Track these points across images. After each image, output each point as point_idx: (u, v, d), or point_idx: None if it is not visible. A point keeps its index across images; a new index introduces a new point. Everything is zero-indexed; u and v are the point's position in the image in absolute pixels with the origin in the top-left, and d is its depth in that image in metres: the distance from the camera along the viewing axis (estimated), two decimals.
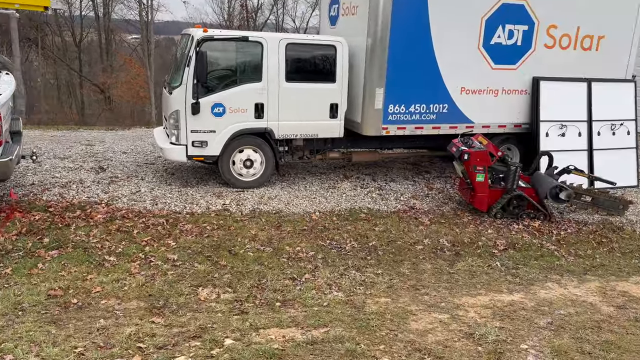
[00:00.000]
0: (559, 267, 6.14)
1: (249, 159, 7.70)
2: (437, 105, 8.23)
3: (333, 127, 7.93)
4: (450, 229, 6.92)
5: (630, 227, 7.32)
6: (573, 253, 6.52)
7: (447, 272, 5.80)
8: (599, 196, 7.60)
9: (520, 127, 8.83)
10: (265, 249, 6.06)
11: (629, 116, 9.01)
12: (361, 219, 7.07)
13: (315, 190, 7.96)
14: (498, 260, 6.20)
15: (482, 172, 7.19)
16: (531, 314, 4.79)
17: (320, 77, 7.75)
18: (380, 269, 5.77)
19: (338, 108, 7.85)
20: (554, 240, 6.84)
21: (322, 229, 6.66)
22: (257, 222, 6.71)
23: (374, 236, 6.57)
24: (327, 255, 6.02)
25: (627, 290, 5.53)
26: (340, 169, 9.20)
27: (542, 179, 7.48)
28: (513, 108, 8.68)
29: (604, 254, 6.55)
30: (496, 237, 6.79)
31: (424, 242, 6.52)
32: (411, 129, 8.19)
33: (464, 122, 8.45)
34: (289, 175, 8.64)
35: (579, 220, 7.51)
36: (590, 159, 8.79)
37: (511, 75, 8.50)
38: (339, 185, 8.26)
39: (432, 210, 7.52)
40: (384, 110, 7.93)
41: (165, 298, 4.89)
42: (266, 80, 7.44)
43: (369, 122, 7.97)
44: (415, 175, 9.02)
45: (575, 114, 8.75)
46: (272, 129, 7.63)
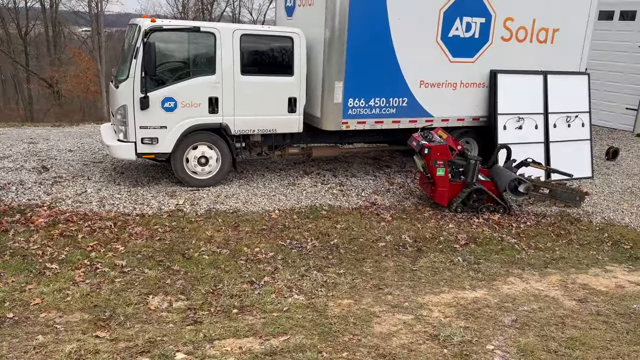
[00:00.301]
0: (519, 260, 6.09)
1: (204, 156, 7.33)
2: (396, 99, 8.07)
3: (292, 121, 7.65)
4: (412, 225, 6.79)
5: (586, 219, 7.39)
6: (533, 246, 6.50)
7: (409, 270, 5.65)
8: (556, 188, 7.64)
9: (479, 121, 8.80)
10: (221, 251, 5.74)
11: (583, 108, 9.13)
12: (322, 216, 6.84)
13: (274, 188, 7.67)
14: (460, 255, 6.10)
15: (443, 167, 7.08)
16: (495, 312, 4.69)
17: (277, 70, 7.44)
18: (342, 269, 5.56)
19: (297, 102, 7.57)
20: (514, 233, 6.81)
21: (282, 228, 6.39)
22: (213, 222, 6.37)
23: (336, 234, 6.35)
24: (287, 256, 5.76)
25: (587, 282, 5.52)
26: (300, 164, 8.94)
27: (501, 172, 7.44)
28: (471, 101, 8.63)
29: (563, 246, 6.56)
30: (457, 232, 6.70)
31: (386, 239, 6.35)
32: (371, 123, 8.01)
33: (424, 115, 8.34)
34: (246, 172, 8.31)
35: (538, 212, 7.52)
36: (547, 151, 8.86)
37: (469, 69, 8.43)
38: (299, 181, 7.99)
39: (393, 206, 7.37)
40: (344, 104, 7.71)
41: (112, 309, 4.52)
42: (220, 73, 7.07)
43: (329, 116, 7.73)
44: (376, 170, 8.87)
45: (532, 106, 8.79)
46: (228, 124, 7.28)
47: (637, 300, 5.09)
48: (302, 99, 7.60)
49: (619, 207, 7.83)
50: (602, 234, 6.95)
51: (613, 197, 8.27)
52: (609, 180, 9.06)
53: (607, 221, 7.35)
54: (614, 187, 8.68)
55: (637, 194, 8.41)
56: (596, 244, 6.68)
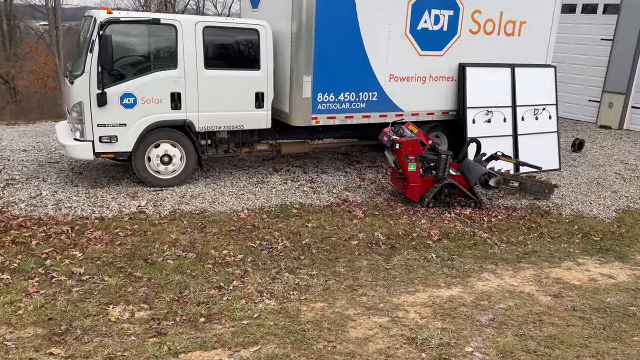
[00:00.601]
0: (492, 255, 6.01)
1: (167, 154, 6.97)
2: (366, 93, 7.89)
3: (259, 117, 7.37)
4: (384, 222, 6.63)
5: (556, 211, 7.39)
6: (505, 240, 6.44)
7: (383, 268, 5.48)
8: (526, 181, 7.61)
9: (448, 114, 8.71)
10: (187, 255, 5.45)
11: (550, 101, 9.15)
12: (293, 215, 6.60)
13: (242, 186, 7.38)
14: (433, 251, 5.98)
15: (414, 162, 6.94)
16: (472, 311, 4.56)
17: (243, 63, 7.13)
18: (314, 270, 5.34)
19: (264, 97, 7.29)
20: (486, 227, 6.74)
21: (252, 229, 6.12)
22: (178, 224, 6.05)
23: (307, 233, 6.13)
24: (257, 258, 5.51)
25: (561, 277, 5.48)
26: (268, 161, 8.67)
27: (472, 167, 7.36)
28: (440, 95, 8.52)
29: (534, 239, 6.52)
30: (430, 227, 6.58)
31: (358, 237, 6.17)
32: (341, 118, 7.80)
33: (394, 110, 8.18)
34: (213, 170, 7.99)
35: (508, 206, 7.49)
36: (515, 144, 8.85)
37: (438, 62, 8.32)
38: (268, 179, 7.73)
39: (365, 202, 7.20)
40: (313, 99, 7.47)
41: (69, 321, 4.18)
42: (183, 67, 6.72)
43: (298, 111, 7.48)
44: (346, 166, 8.68)
45: (500, 99, 8.75)
46: (192, 121, 6.94)
47: (610, 293, 5.06)
48: (269, 94, 7.33)
49: (586, 199, 7.88)
50: (572, 226, 6.96)
51: (580, 188, 8.32)
52: (575, 172, 9.13)
53: (576, 213, 7.37)
54: (581, 179, 8.75)
55: (604, 185, 8.50)
56: (567, 236, 6.67)
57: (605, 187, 8.44)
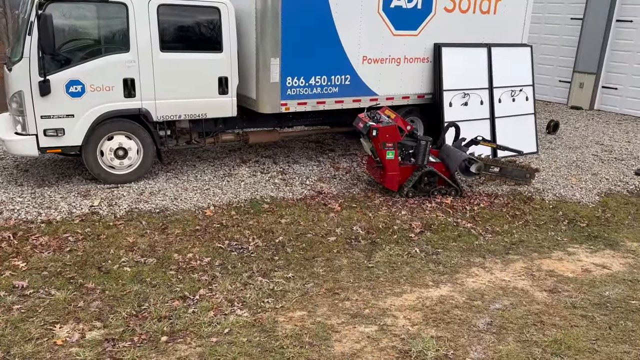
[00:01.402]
0: (479, 247, 5.61)
1: (122, 147, 6.27)
2: (339, 76, 7.34)
3: (224, 105, 6.72)
4: (363, 214, 6.14)
5: (539, 197, 7.06)
6: (490, 230, 6.06)
7: (365, 267, 5.00)
8: (506, 166, 7.25)
9: (424, 98, 8.25)
10: (146, 260, 4.83)
11: (527, 82, 8.81)
12: (264, 210, 6.04)
13: (208, 180, 6.75)
14: (416, 245, 5.53)
15: (392, 149, 6.46)
16: (466, 314, 4.13)
17: (203, 45, 6.46)
18: (290, 271, 4.81)
19: (228, 82, 6.64)
20: (469, 217, 6.34)
21: (219, 227, 5.54)
22: (136, 225, 5.41)
23: (281, 230, 5.59)
24: (226, 261, 4.94)
25: (553, 268, 5.12)
26: (236, 152, 8.04)
27: (451, 153, 6.94)
28: (416, 77, 8.05)
29: (520, 228, 6.17)
30: (411, 219, 6.13)
31: (336, 232, 5.67)
32: (313, 104, 7.23)
33: (368, 94, 7.67)
34: (175, 163, 7.32)
35: (489, 192, 7.11)
36: (493, 127, 8.48)
37: (413, 42, 7.83)
38: (235, 171, 7.12)
39: (341, 194, 6.69)
40: (282, 83, 6.87)
41: (6, 348, 3.54)
42: (136, 50, 6.01)
43: (265, 98, 6.87)
44: (319, 155, 8.14)
45: (477, 81, 8.34)
46: (149, 110, 6.25)
47: (608, 286, 4.73)
48: (234, 79, 6.68)
49: (567, 183, 7.58)
50: (557, 212, 6.64)
51: (560, 171, 8.03)
52: (553, 154, 8.86)
53: (559, 198, 7.06)
54: (559, 162, 8.47)
55: (583, 168, 8.24)
56: (552, 223, 6.34)
57: (584, 169, 8.18)
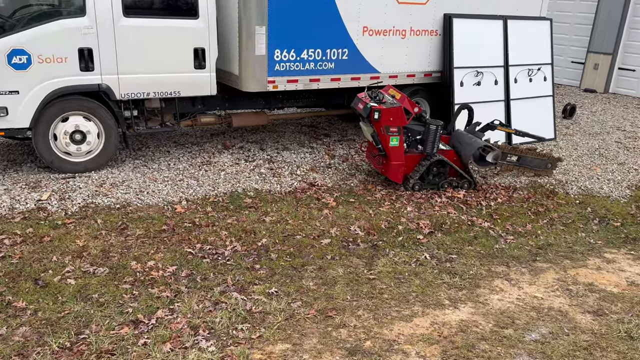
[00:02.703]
0: (500, 252, 4.68)
1: (79, 130, 5.27)
2: (335, 50, 6.31)
3: (201, 81, 5.71)
4: (362, 211, 5.19)
5: (562, 190, 6.12)
6: (511, 230, 5.12)
7: (365, 279, 4.06)
8: (526, 155, 6.29)
9: (431, 77, 7.25)
10: (96, 270, 3.87)
11: (545, 60, 7.80)
12: (246, 206, 5.08)
13: (182, 169, 5.77)
14: (426, 250, 4.59)
15: (397, 134, 5.49)
16: (497, 349, 3.20)
17: (175, 10, 5.42)
18: (274, 285, 3.87)
19: (205, 55, 5.62)
20: (485, 214, 5.40)
21: (190, 227, 4.57)
22: (89, 225, 4.44)
23: (265, 231, 4.63)
24: (195, 270, 3.98)
25: (592, 281, 4.19)
26: (218, 136, 7.05)
27: (464, 139, 5.97)
28: (423, 53, 7.03)
29: (545, 227, 5.23)
30: (418, 217, 5.18)
31: (331, 233, 4.72)
32: (305, 81, 6.22)
33: (368, 71, 6.66)
34: (146, 149, 6.32)
35: (506, 185, 6.16)
36: (508, 110, 7.50)
37: (420, 12, 6.79)
38: (215, 159, 6.13)
39: (337, 186, 5.72)
40: (269, 57, 5.85)
41: None
42: (93, 14, 4.97)
43: (250, 73, 5.86)
44: (312, 141, 7.15)
45: (491, 58, 7.33)
46: (110, 86, 5.23)
47: None
48: (212, 51, 5.66)
49: (592, 173, 6.64)
50: (584, 208, 5.70)
51: (583, 161, 7.08)
52: (572, 141, 7.89)
53: (585, 191, 6.12)
54: (580, 150, 7.51)
55: (607, 157, 7.29)
56: (581, 222, 5.40)
57: (609, 158, 7.23)
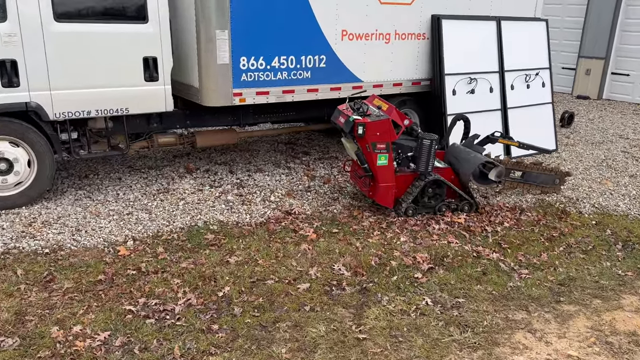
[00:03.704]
0: (516, 292, 3.83)
1: (3, 158, 4.33)
2: (311, 57, 5.49)
3: (153, 95, 4.82)
4: (347, 244, 4.31)
5: (574, 209, 5.32)
6: (524, 262, 4.28)
7: (354, 340, 3.17)
8: (531, 170, 5.50)
9: (420, 85, 6.46)
10: (3, 341, 2.93)
11: (543, 64, 7.07)
12: (207, 244, 4.17)
13: (133, 200, 4.85)
14: (426, 292, 3.73)
15: (385, 152, 4.64)
16: None
17: (119, 13, 4.54)
18: (235, 354, 2.96)
19: (158, 65, 4.74)
20: (492, 242, 4.56)
21: (135, 276, 3.65)
22: (7, 277, 3.49)
23: (228, 276, 3.73)
24: (134, 336, 3.06)
25: (634, 329, 3.36)
26: (181, 158, 6.14)
27: (462, 154, 5.15)
28: (410, 59, 6.25)
29: (563, 257, 4.40)
30: (414, 249, 4.32)
31: (310, 275, 3.83)
32: (278, 93, 5.37)
33: (350, 80, 5.84)
34: (94, 176, 5.39)
35: (511, 205, 5.35)
36: (505, 120, 6.72)
37: (405, 13, 6.01)
38: (175, 186, 5.22)
39: (317, 214, 4.84)
40: (234, 66, 5.00)
41: None
42: (16, 18, 4.07)
43: (212, 85, 4.99)
44: (290, 160, 6.28)
45: (485, 63, 6.57)
46: (41, 104, 4.31)
47: None
48: (166, 60, 4.78)
49: (603, 188, 5.87)
50: (603, 230, 4.89)
51: (591, 174, 6.31)
52: (575, 152, 7.14)
53: (600, 210, 5.32)
54: (586, 161, 6.75)
55: (616, 168, 6.53)
56: (603, 248, 4.59)
57: (618, 170, 6.47)
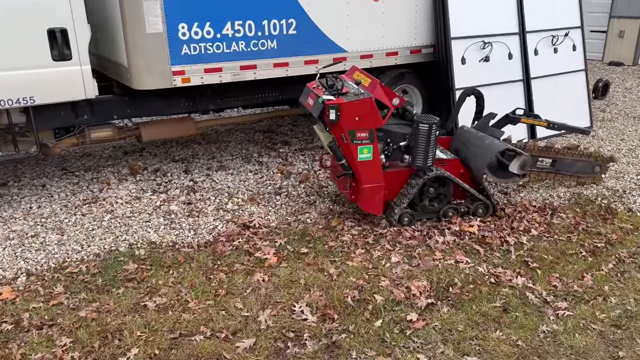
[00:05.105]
0: (552, 343, 2.63)
1: None
2: (276, 22, 4.25)
3: (67, 80, 3.65)
4: (318, 270, 3.14)
5: (621, 205, 4.05)
6: (562, 290, 3.06)
7: None
8: (564, 157, 4.23)
9: (420, 53, 5.17)
10: None
11: (573, 22, 5.69)
12: (125, 278, 3.04)
13: (48, 215, 3.73)
14: (423, 347, 2.56)
15: (369, 142, 3.43)
16: None
17: None
18: None
19: (69, 38, 3.57)
20: (515, 260, 3.33)
21: (9, 334, 2.56)
22: None
23: (141, 330, 2.60)
24: None
25: None
26: (133, 154, 5.01)
27: (474, 141, 3.89)
28: (407, 21, 4.95)
29: (614, 279, 3.16)
30: (409, 274, 3.14)
31: (259, 324, 2.68)
32: (234, 70, 4.16)
33: (330, 50, 4.59)
34: (15, 181, 4.29)
35: (539, 202, 4.10)
36: (528, 93, 5.40)
37: None
38: (107, 193, 4.10)
39: (284, 226, 3.67)
40: (170, 35, 3.80)
41: None
42: None
43: (142, 62, 3.81)
44: (264, 152, 5.09)
45: (501, 23, 5.23)
46: None
47: None
48: (81, 31, 3.60)
49: None
50: None
51: (638, 155, 5.00)
52: (615, 128, 5.80)
53: None
54: (629, 140, 5.42)
55: None
56: None
57: None
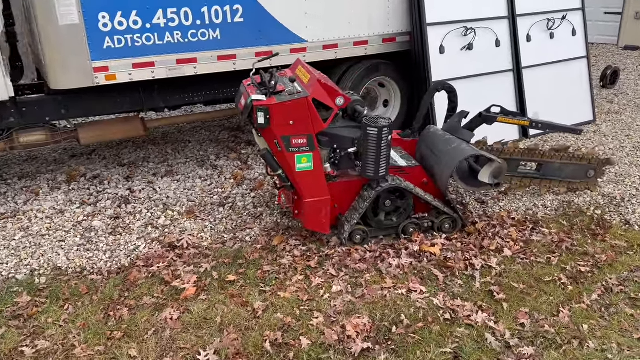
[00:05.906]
0: None
1: None
2: (218, 8, 3.71)
3: None
4: (240, 305, 2.63)
5: (617, 216, 3.43)
6: (530, 331, 2.48)
7: None
8: (552, 161, 3.61)
9: (395, 42, 4.57)
10: None
11: (573, 3, 4.99)
12: (11, 315, 2.57)
13: None
14: None
15: (308, 149, 2.89)
16: None
17: None
18: None
19: None
20: (479, 289, 2.77)
21: None
22: None
23: None
24: None
25: None
26: (80, 158, 4.56)
27: (440, 144, 3.30)
28: (378, 5, 4.35)
29: (596, 315, 2.57)
30: (349, 307, 2.61)
31: None
32: (169, 64, 3.65)
33: (286, 40, 4.04)
34: None
35: (517, 213, 3.50)
36: (519, 84, 4.76)
37: None
38: (31, 205, 3.64)
39: (217, 247, 3.15)
40: (89, 27, 3.30)
41: None
42: None
43: (57, 58, 3.33)
44: (224, 154, 4.58)
45: (486, 5, 4.59)
46: None
47: None
48: None
49: None
50: None
51: None
52: (621, 122, 5.11)
53: None
54: (636, 136, 4.75)
55: None
56: None
57: None
